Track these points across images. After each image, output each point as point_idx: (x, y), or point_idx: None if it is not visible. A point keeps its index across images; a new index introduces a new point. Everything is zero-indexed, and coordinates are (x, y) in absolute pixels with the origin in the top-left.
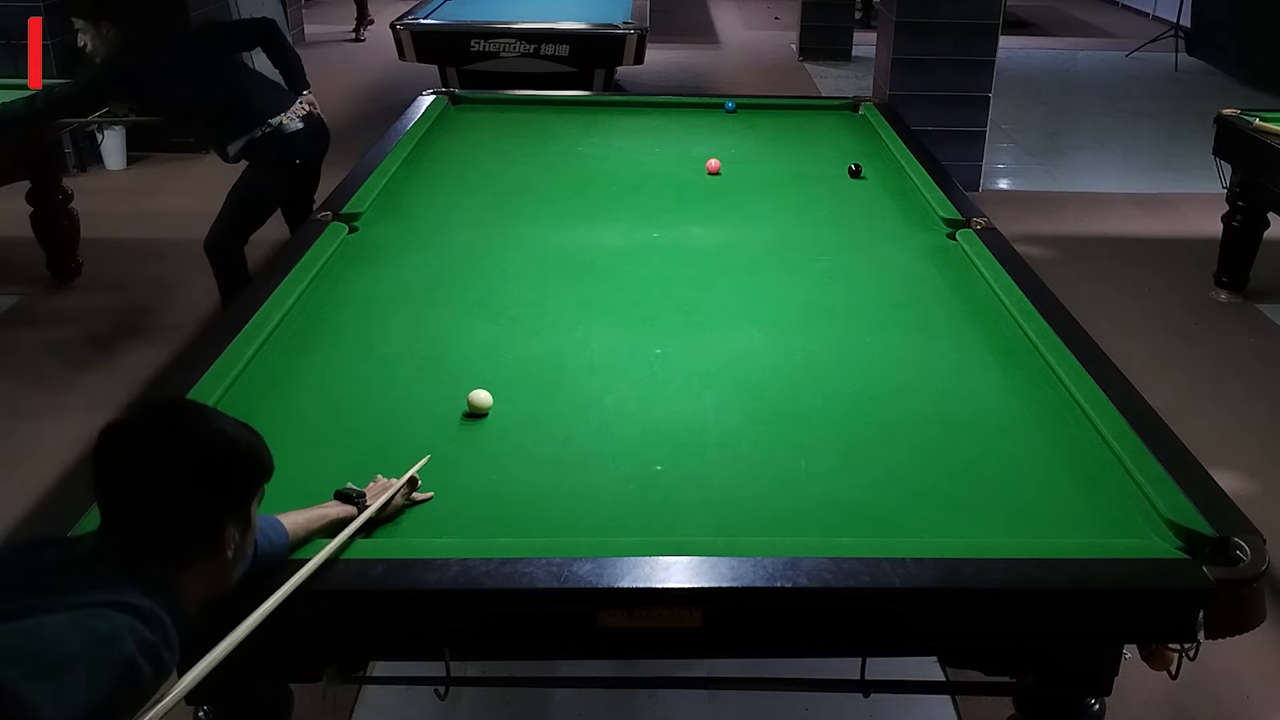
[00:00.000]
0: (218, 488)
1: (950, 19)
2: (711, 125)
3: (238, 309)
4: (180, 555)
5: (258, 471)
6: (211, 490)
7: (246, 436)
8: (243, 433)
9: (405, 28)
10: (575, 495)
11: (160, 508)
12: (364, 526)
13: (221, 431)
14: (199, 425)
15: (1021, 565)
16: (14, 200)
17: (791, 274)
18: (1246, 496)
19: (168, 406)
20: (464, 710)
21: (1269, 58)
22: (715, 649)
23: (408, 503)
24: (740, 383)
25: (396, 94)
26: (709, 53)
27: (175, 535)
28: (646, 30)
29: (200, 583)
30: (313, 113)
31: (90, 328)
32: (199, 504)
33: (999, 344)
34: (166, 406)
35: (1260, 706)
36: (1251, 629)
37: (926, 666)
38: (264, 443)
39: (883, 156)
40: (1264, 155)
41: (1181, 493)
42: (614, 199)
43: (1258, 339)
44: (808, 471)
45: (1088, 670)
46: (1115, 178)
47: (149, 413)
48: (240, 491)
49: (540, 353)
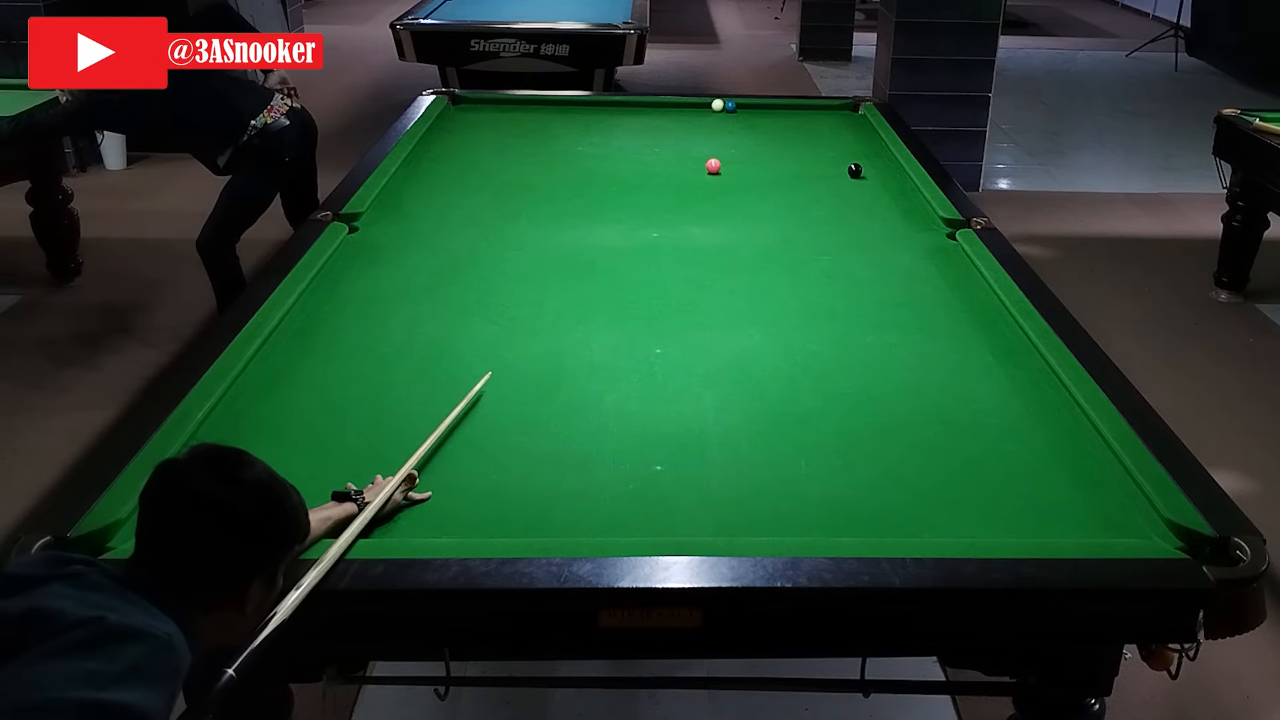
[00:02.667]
0: (253, 546)
1: (950, 19)
2: (711, 125)
3: (238, 309)
4: (202, 602)
5: (293, 536)
6: (246, 547)
7: (292, 500)
8: (289, 496)
9: (405, 28)
10: (575, 495)
11: (194, 555)
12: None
13: (269, 493)
14: (251, 483)
15: (1021, 565)
16: (14, 200)
17: (791, 274)
18: (1246, 496)
19: (226, 459)
20: (464, 710)
21: (1269, 58)
22: (715, 649)
23: (406, 501)
24: (740, 383)
25: (396, 94)
26: (709, 53)
27: (202, 584)
28: (646, 30)
29: (216, 630)
30: (294, 106)
31: (90, 327)
32: (232, 559)
33: (999, 344)
34: (226, 459)
35: (1260, 706)
36: (1251, 629)
37: (926, 666)
38: (304, 506)
39: (883, 156)
40: (1264, 155)
41: (1181, 493)
42: (614, 199)
43: (1258, 339)
44: (808, 471)
45: (1088, 670)
46: (1115, 178)
47: (206, 462)
48: (272, 552)
49: (540, 353)
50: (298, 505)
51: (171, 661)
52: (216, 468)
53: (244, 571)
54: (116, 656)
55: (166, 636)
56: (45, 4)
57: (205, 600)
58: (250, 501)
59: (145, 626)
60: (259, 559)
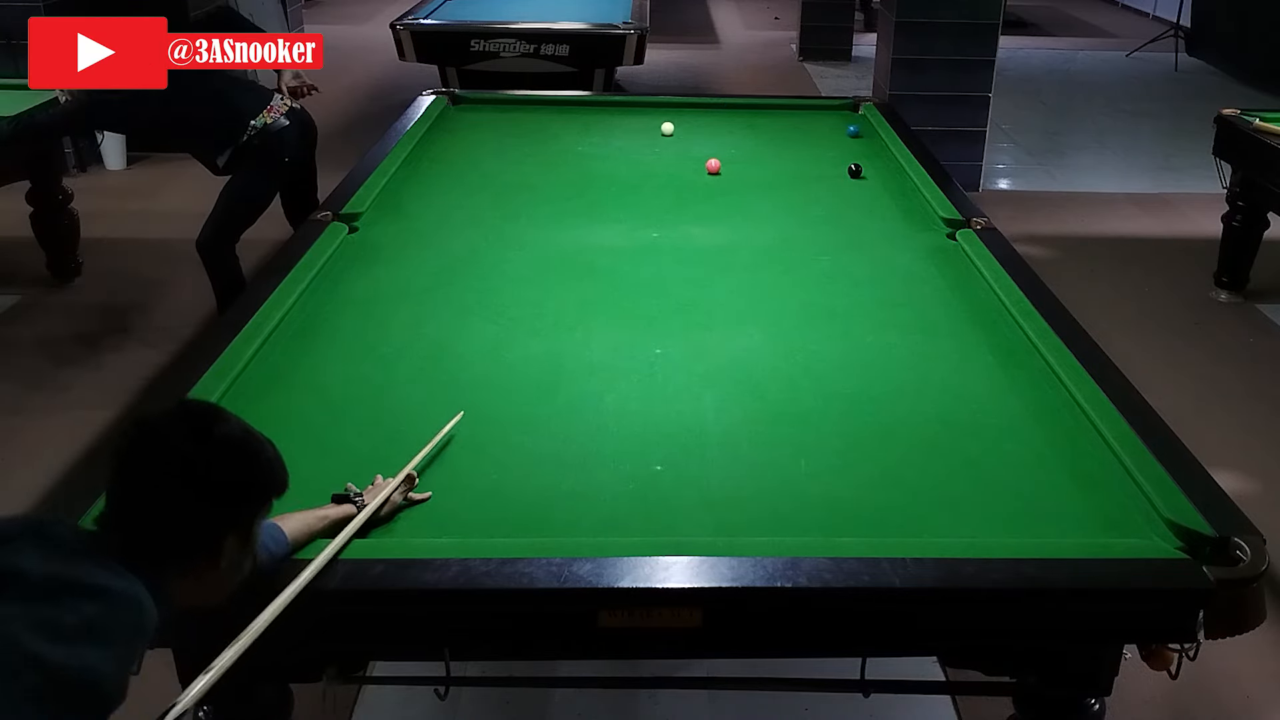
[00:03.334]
0: (223, 503)
1: (950, 19)
2: (712, 125)
3: (238, 309)
4: (174, 561)
5: (268, 490)
6: (218, 505)
7: (266, 455)
8: (263, 451)
9: (405, 28)
10: (575, 495)
11: (165, 514)
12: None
13: (243, 449)
14: (223, 439)
15: (1021, 565)
16: (14, 200)
17: (791, 274)
18: (1246, 496)
19: (199, 414)
20: (464, 710)
21: (1269, 58)
22: (715, 649)
23: (405, 501)
24: (740, 383)
25: (396, 94)
26: (709, 53)
27: (173, 543)
28: (646, 30)
29: (189, 589)
30: (294, 107)
31: (90, 327)
32: (203, 517)
33: (999, 344)
34: (198, 414)
35: (1260, 706)
36: (1251, 629)
37: (926, 666)
38: (281, 461)
39: (883, 156)
40: (1264, 155)
41: (1181, 493)
42: (614, 199)
43: (1258, 339)
44: (808, 471)
45: (1088, 670)
46: (1115, 178)
47: (179, 419)
48: (245, 509)
49: (540, 353)
50: (272, 460)
51: (134, 621)
52: (190, 424)
53: (216, 529)
54: (76, 610)
55: (131, 596)
56: (45, 4)
57: (177, 559)
58: (222, 458)
59: (108, 584)
60: (231, 517)
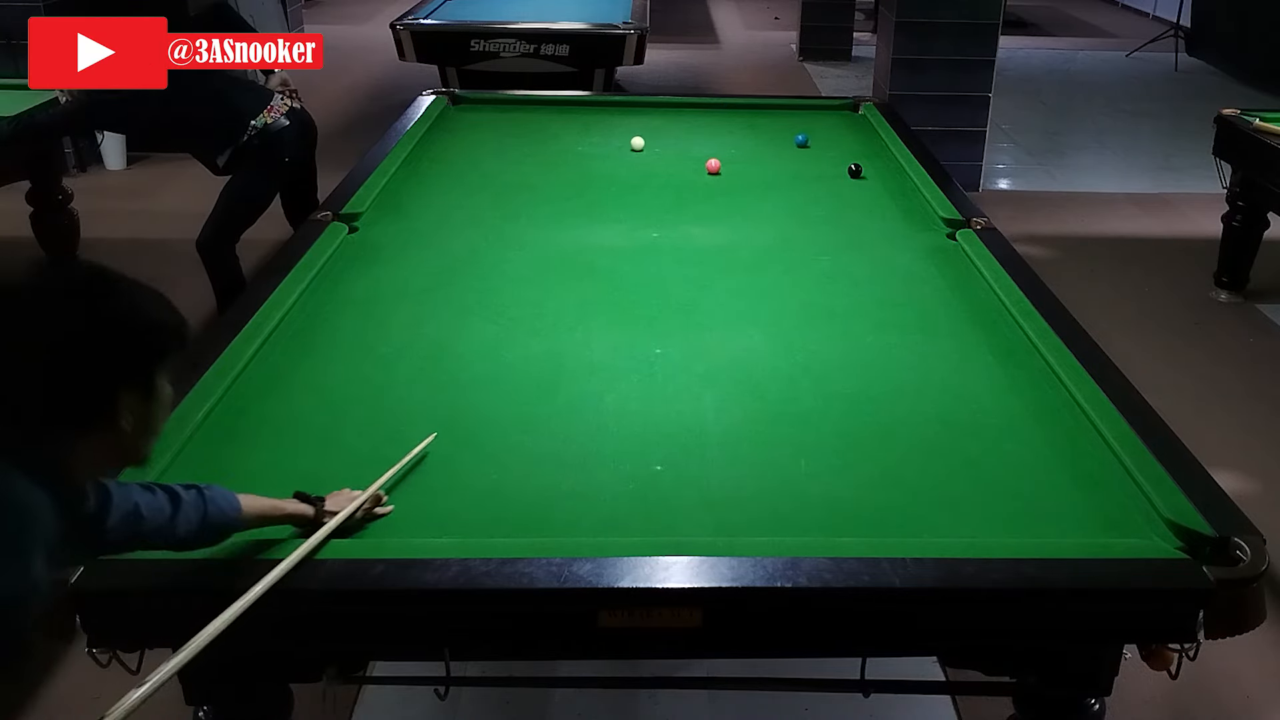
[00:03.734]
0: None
1: (950, 19)
2: (711, 125)
3: (237, 309)
4: (67, 430)
5: (160, 341)
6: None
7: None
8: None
9: (405, 28)
10: (575, 495)
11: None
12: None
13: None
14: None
15: (1021, 565)
16: (14, 200)
17: (791, 274)
18: (1246, 496)
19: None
20: (464, 710)
21: (1269, 58)
22: (715, 649)
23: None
24: (740, 383)
25: (396, 94)
26: (709, 53)
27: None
28: (646, 30)
29: (98, 455)
30: (294, 107)
31: None
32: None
33: (999, 344)
34: (72, 271)
35: (1260, 706)
36: (1251, 629)
37: (926, 666)
38: (177, 316)
39: (883, 156)
40: (1264, 155)
41: (1181, 493)
42: (614, 199)
43: (1258, 339)
44: (808, 471)
45: (1088, 670)
46: (1115, 178)
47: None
48: (135, 361)
49: (540, 353)
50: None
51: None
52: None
53: (105, 387)
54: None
55: (18, 505)
56: (45, 4)
57: (69, 427)
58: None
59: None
60: (119, 371)
